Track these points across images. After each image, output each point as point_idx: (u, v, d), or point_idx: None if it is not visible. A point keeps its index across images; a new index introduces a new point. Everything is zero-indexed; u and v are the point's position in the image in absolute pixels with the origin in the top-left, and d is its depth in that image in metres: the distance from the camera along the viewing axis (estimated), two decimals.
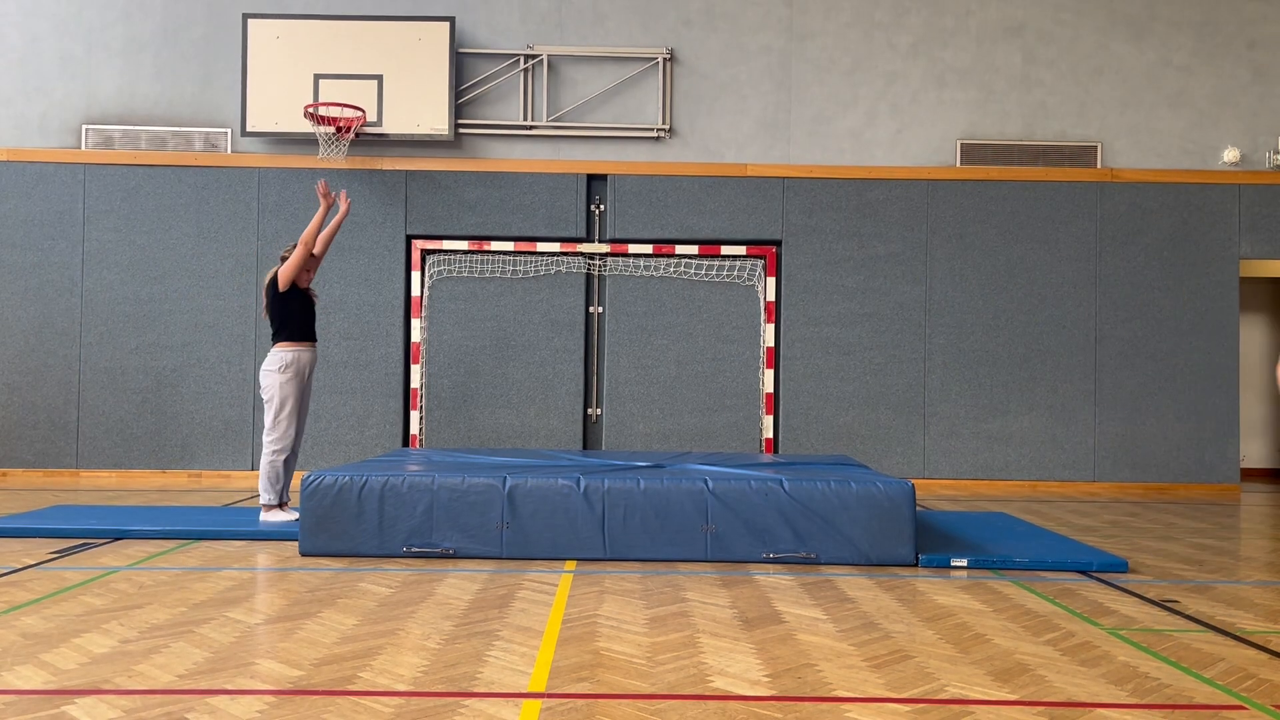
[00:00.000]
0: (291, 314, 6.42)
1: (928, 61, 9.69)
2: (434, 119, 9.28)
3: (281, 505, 6.41)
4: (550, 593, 4.72)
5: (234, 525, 6.28)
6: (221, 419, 9.37)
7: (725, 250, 9.50)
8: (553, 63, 9.60)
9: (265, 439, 6.35)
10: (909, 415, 9.50)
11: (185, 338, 9.40)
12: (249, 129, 9.25)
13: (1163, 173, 9.60)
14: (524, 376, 9.43)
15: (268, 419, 6.37)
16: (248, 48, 9.22)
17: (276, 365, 6.34)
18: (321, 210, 6.44)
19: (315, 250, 6.50)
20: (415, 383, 9.41)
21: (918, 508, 7.65)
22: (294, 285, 6.42)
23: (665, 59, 9.57)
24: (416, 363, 9.42)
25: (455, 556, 5.50)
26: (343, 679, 3.37)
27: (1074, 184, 9.59)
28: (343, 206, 6.72)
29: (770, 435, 9.45)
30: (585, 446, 9.47)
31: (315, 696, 3.18)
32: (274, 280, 6.42)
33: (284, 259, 6.44)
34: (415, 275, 9.45)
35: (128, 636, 3.86)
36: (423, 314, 9.43)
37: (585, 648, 3.78)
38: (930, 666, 3.60)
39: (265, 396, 6.36)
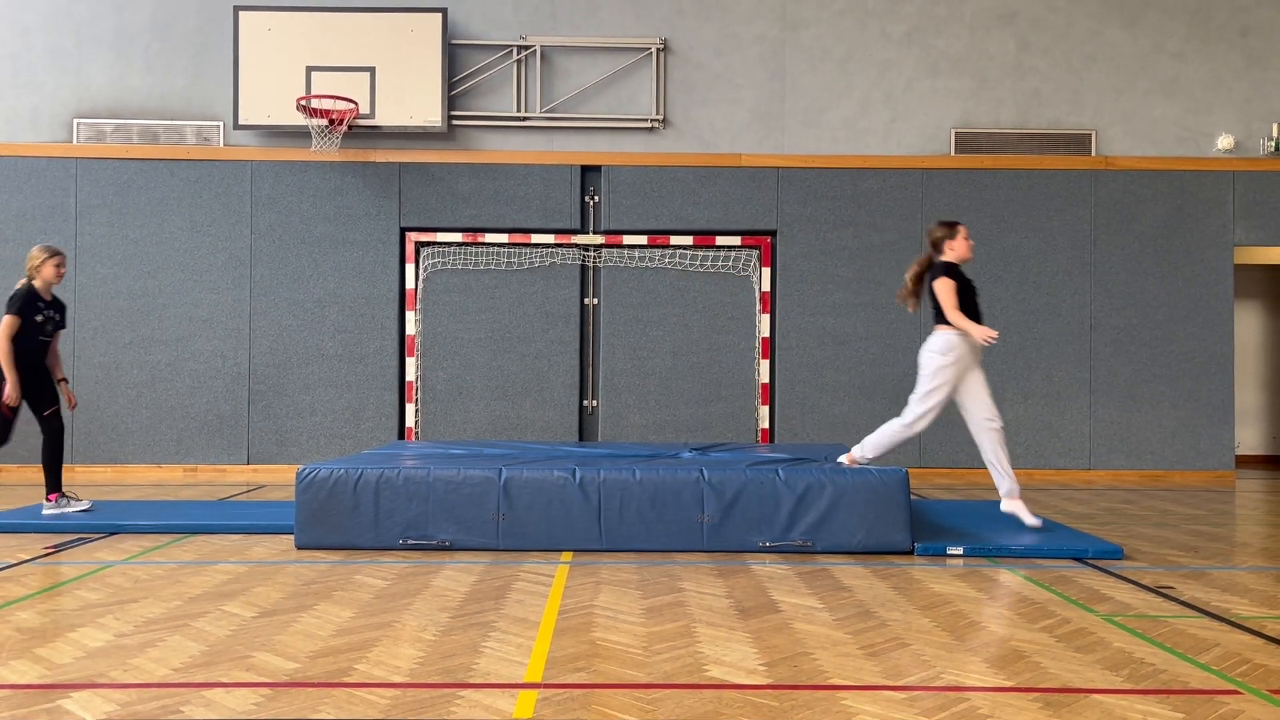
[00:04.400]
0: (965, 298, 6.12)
1: (921, 50, 9.67)
2: (427, 111, 9.25)
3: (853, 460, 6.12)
4: (546, 584, 4.72)
5: (229, 519, 6.27)
6: (216, 413, 9.35)
7: (720, 241, 9.49)
8: (546, 53, 9.57)
9: (908, 411, 6.07)
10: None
11: (179, 332, 9.37)
12: (241, 122, 9.21)
13: (1157, 160, 9.59)
14: (519, 369, 9.42)
15: (915, 394, 6.10)
16: (239, 40, 9.18)
17: (940, 348, 6.05)
18: None
19: None
20: (410, 375, 9.39)
21: (914, 497, 7.66)
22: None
23: (658, 49, 9.54)
24: (411, 355, 9.41)
25: (451, 548, 5.49)
26: (339, 671, 3.36)
27: (1068, 172, 9.58)
28: None
29: (766, 425, 9.45)
30: (581, 438, 9.46)
31: (311, 689, 3.18)
32: (947, 265, 6.05)
33: (937, 241, 6.10)
34: (409, 268, 9.43)
35: (123, 630, 3.86)
36: (417, 306, 9.41)
37: (582, 638, 3.78)
38: (926, 654, 3.60)
39: (923, 376, 6.09)
